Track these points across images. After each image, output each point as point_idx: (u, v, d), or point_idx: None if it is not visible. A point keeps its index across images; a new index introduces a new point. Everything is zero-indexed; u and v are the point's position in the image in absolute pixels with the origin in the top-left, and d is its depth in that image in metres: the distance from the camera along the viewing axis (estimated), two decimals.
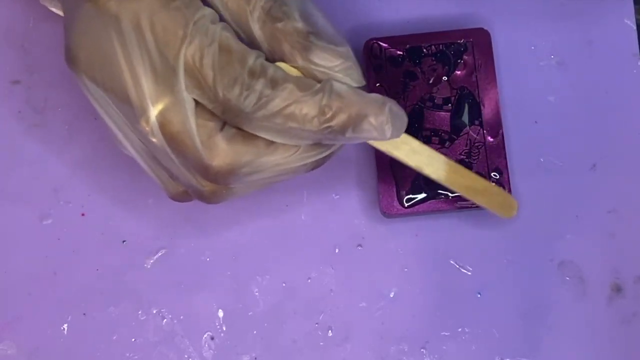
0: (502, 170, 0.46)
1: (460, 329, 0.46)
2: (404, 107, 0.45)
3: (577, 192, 0.47)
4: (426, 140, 0.46)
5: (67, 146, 0.48)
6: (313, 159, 0.39)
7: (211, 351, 0.46)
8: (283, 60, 0.37)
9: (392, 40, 0.47)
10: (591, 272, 0.47)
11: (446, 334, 0.46)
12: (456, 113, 0.46)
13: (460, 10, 0.49)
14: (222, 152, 0.37)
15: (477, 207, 0.45)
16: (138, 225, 0.47)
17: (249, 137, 0.37)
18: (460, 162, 0.46)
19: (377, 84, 0.46)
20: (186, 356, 0.46)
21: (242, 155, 0.37)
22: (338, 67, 0.37)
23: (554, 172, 0.48)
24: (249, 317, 0.47)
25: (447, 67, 0.46)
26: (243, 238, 0.47)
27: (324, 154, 0.39)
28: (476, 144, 0.46)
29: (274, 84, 0.36)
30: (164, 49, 0.36)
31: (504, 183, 0.45)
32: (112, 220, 0.47)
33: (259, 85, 0.36)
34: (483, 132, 0.46)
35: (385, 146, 0.40)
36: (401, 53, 0.47)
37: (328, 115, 0.36)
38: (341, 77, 0.37)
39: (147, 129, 0.37)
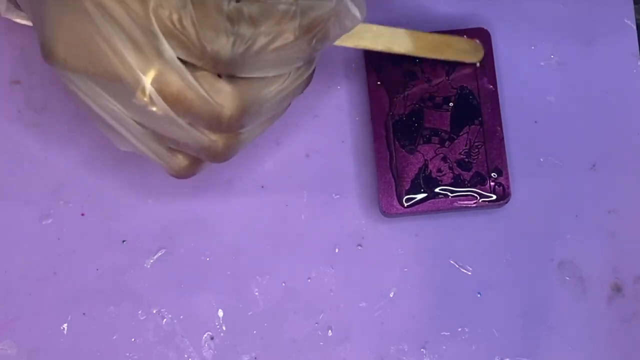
0: (502, 170, 0.46)
1: (460, 329, 0.46)
2: (404, 107, 0.45)
3: (577, 192, 0.47)
4: (426, 140, 0.46)
5: (67, 146, 0.48)
6: (304, 77, 0.40)
7: (211, 351, 0.46)
8: None
9: None
10: (591, 272, 0.47)
11: (446, 334, 0.46)
12: (456, 113, 0.46)
13: (460, 10, 0.49)
14: (229, 95, 0.37)
15: (477, 207, 0.45)
16: (138, 225, 0.47)
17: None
18: (460, 161, 0.46)
19: (378, 83, 0.46)
20: (186, 356, 0.46)
21: (246, 93, 0.37)
22: None
23: (553, 172, 0.47)
24: (248, 317, 0.47)
25: (447, 67, 0.46)
26: (243, 238, 0.47)
27: (310, 69, 0.40)
28: (476, 144, 0.46)
29: (253, 22, 0.36)
30: (135, 17, 0.35)
31: (503, 183, 0.45)
32: (112, 220, 0.47)
33: (242, 28, 0.36)
34: (483, 132, 0.46)
35: (351, 41, 0.41)
36: None
37: (311, 34, 0.37)
38: None
39: (145, 99, 0.36)
